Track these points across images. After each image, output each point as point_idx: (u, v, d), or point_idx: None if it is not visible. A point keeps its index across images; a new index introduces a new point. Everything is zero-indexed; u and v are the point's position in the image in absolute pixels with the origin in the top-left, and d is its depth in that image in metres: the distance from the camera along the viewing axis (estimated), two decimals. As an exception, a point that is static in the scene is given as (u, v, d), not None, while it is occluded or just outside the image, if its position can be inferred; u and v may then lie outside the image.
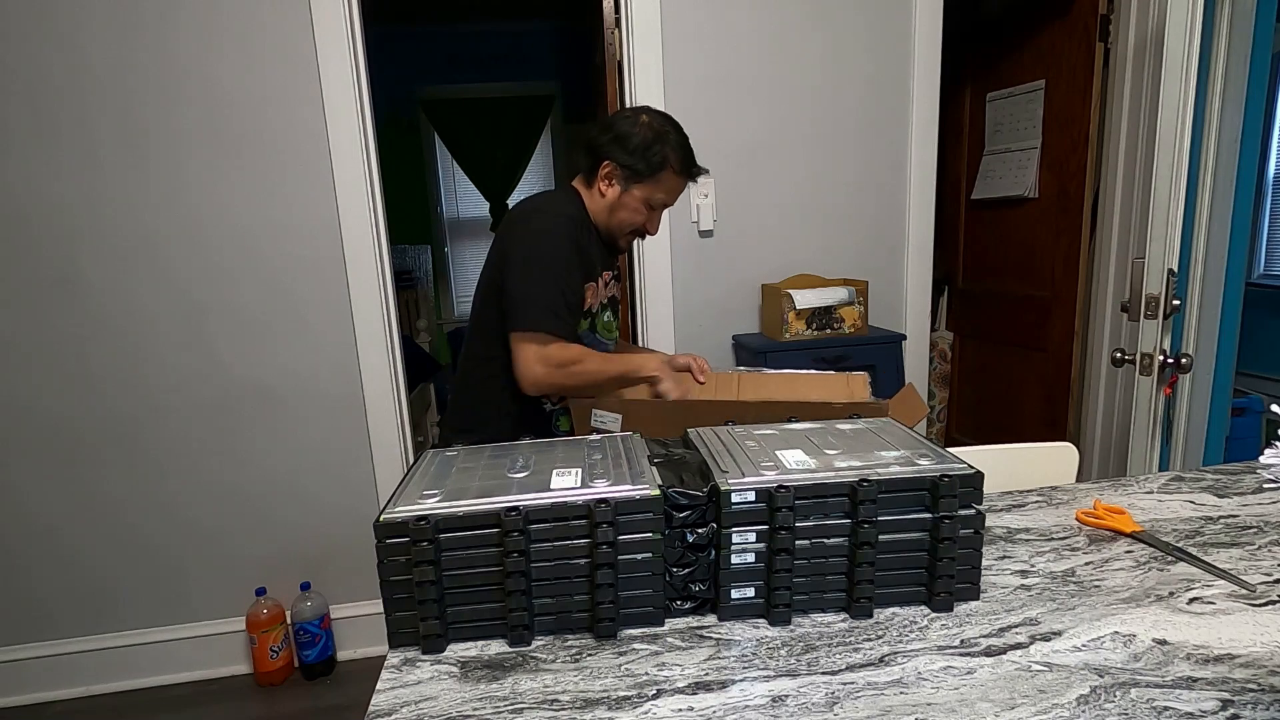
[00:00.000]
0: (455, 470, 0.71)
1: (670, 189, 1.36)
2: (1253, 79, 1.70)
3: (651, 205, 1.36)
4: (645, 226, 1.39)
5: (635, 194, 1.35)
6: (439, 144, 5.00)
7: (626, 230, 1.39)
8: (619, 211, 1.37)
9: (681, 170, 1.35)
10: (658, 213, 1.39)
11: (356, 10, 1.87)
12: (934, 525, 0.65)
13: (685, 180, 1.38)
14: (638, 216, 1.37)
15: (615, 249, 1.44)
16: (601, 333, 1.46)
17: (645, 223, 1.38)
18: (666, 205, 1.39)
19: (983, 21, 2.73)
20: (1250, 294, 1.93)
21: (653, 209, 1.37)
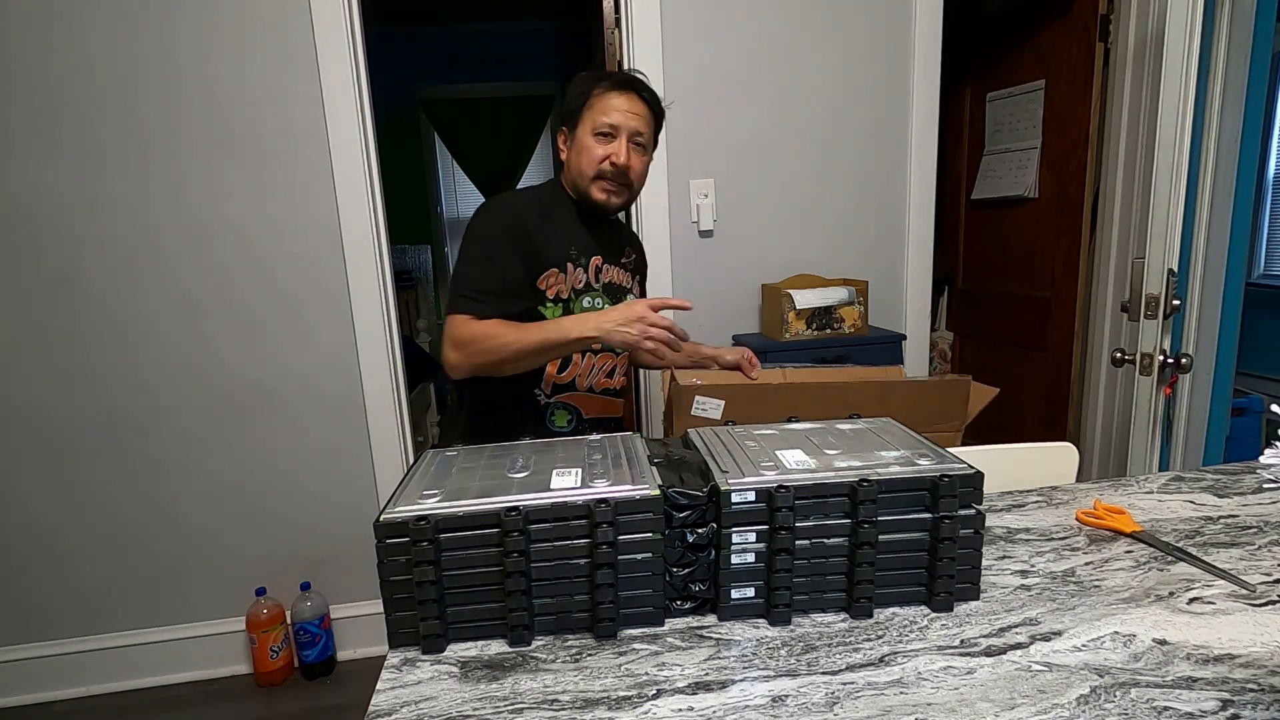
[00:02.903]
0: (455, 470, 0.71)
1: (607, 106, 1.28)
2: (1253, 79, 1.70)
3: (598, 131, 1.28)
4: (609, 159, 1.28)
5: (579, 135, 1.30)
6: (439, 144, 5.00)
7: (590, 176, 1.29)
8: (575, 161, 1.31)
9: (611, 86, 1.28)
10: (615, 140, 1.28)
11: (356, 10, 1.87)
12: (934, 525, 0.65)
13: (622, 92, 1.28)
14: (592, 152, 1.28)
15: (599, 212, 1.34)
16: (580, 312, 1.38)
17: (602, 155, 1.28)
18: (616, 128, 1.28)
19: (983, 21, 2.73)
20: (1250, 294, 1.93)
21: (603, 134, 1.28)
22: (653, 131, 1.34)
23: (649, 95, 1.31)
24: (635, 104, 1.29)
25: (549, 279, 1.31)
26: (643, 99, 1.30)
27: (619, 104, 1.28)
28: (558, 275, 1.31)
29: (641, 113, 1.30)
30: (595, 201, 1.31)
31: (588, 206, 1.33)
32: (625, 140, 1.28)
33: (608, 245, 1.39)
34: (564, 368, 1.34)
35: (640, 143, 1.30)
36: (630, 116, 1.29)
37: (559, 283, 1.32)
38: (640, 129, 1.29)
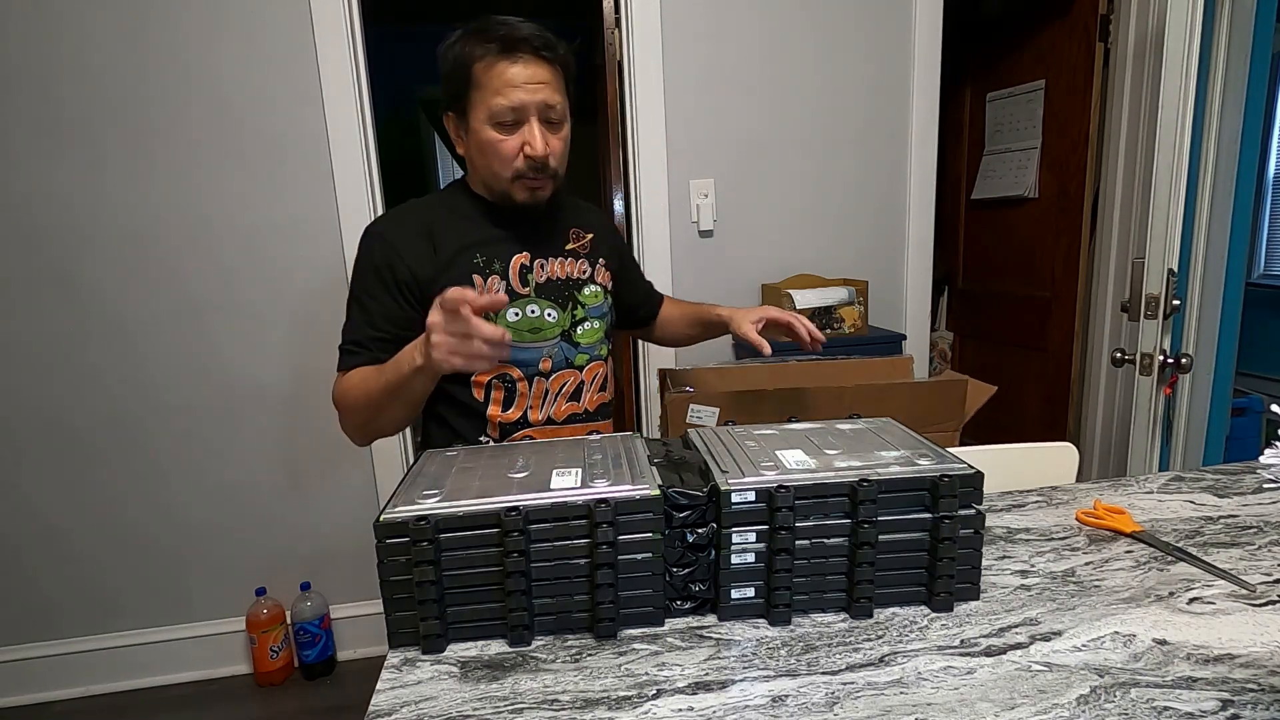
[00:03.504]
0: (455, 470, 0.71)
1: (501, 84, 1.00)
2: (1253, 79, 1.70)
3: (497, 118, 1.02)
4: (522, 149, 1.03)
5: (474, 126, 1.04)
6: (439, 144, 5.00)
7: (506, 174, 1.06)
8: (478, 160, 1.08)
9: (498, 53, 1.01)
10: (522, 126, 1.03)
11: (356, 10, 1.87)
12: (934, 525, 0.65)
13: (506, 57, 1.01)
14: (498, 149, 1.03)
15: (526, 212, 1.11)
16: (513, 337, 1.07)
17: (513, 150, 1.04)
18: (515, 107, 1.01)
19: (983, 21, 2.73)
20: (1250, 294, 1.93)
21: (503, 122, 1.02)
22: (564, 91, 1.07)
23: (547, 51, 1.02)
24: (534, 69, 1.01)
25: None
26: (541, 58, 1.02)
27: (515, 76, 1.00)
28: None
29: (545, 78, 1.02)
30: (519, 204, 1.09)
31: (509, 206, 1.11)
32: (535, 122, 1.02)
33: (538, 237, 1.14)
34: (508, 403, 1.11)
35: (554, 118, 1.04)
36: (534, 90, 1.01)
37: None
38: (549, 99, 1.02)
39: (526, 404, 1.12)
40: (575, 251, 1.19)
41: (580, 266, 1.19)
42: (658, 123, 2.03)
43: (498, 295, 0.87)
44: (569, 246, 1.19)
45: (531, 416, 1.12)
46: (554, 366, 1.13)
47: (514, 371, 1.11)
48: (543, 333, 1.12)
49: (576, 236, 1.21)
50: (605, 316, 1.22)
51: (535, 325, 1.12)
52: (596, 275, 1.21)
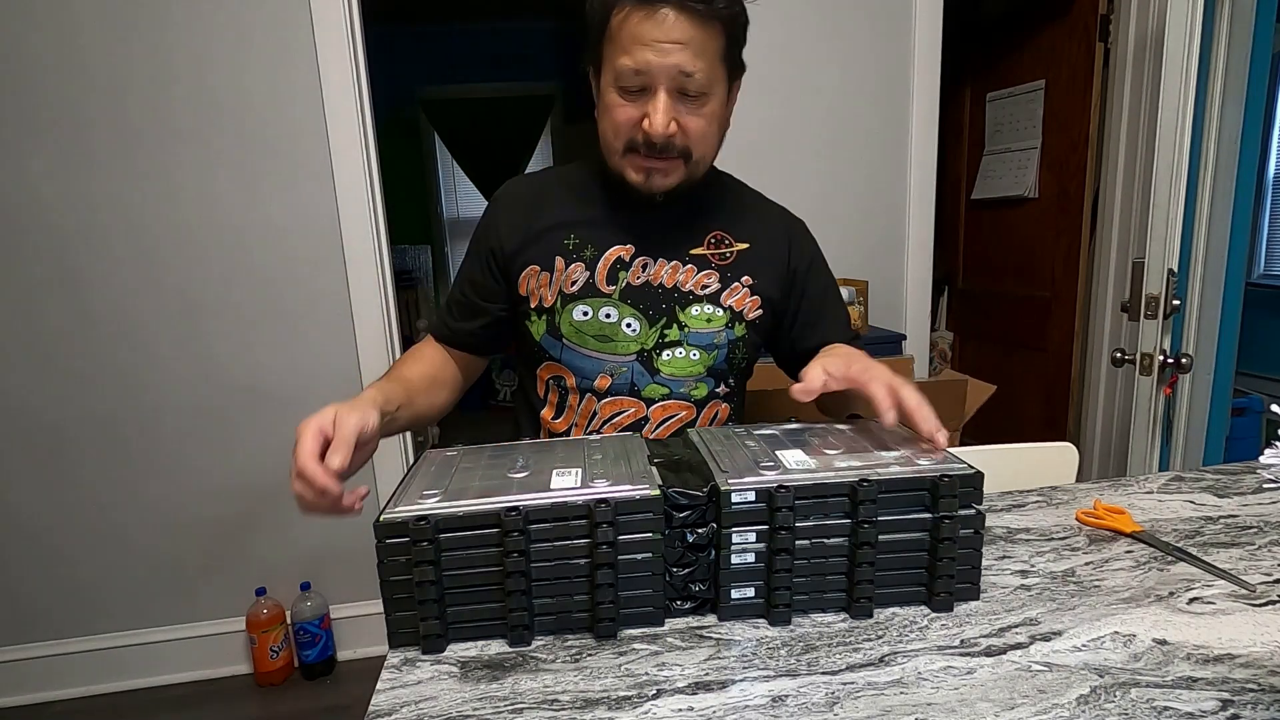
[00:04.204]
0: (455, 470, 0.71)
1: (630, 40, 0.84)
2: (1253, 79, 1.70)
3: (621, 81, 0.86)
4: (642, 126, 0.87)
5: (601, 85, 0.90)
6: (439, 144, 5.01)
7: (618, 149, 0.90)
8: (600, 124, 0.92)
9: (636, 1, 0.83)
10: (646, 96, 0.86)
11: (356, 10, 1.87)
12: (934, 525, 0.65)
13: (644, 7, 0.83)
14: (614, 115, 0.88)
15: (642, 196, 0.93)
16: (573, 337, 0.96)
17: (627, 120, 0.88)
18: (640, 70, 0.84)
19: (983, 21, 2.73)
20: (1250, 294, 1.93)
21: (627, 87, 0.86)
22: (720, 57, 0.87)
23: (700, 2, 0.82)
24: (677, 26, 0.82)
25: (528, 280, 0.98)
26: (689, 11, 0.82)
27: (647, 33, 0.83)
28: (538, 275, 0.97)
29: (687, 37, 0.83)
30: (632, 184, 0.91)
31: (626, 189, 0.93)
32: (663, 93, 0.85)
33: (657, 231, 0.97)
34: (559, 411, 1.01)
35: (691, 88, 0.85)
36: (669, 50, 0.83)
37: (542, 285, 0.97)
38: (687, 65, 0.83)
39: (573, 419, 0.98)
40: (705, 259, 0.97)
41: (703, 279, 0.97)
42: (658, 123, 2.03)
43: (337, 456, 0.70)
44: (697, 251, 0.97)
45: (576, 433, 0.99)
46: (613, 388, 0.96)
47: (568, 377, 0.97)
48: (613, 344, 0.95)
49: (718, 241, 0.99)
50: (720, 351, 0.98)
51: (605, 332, 0.95)
52: (728, 296, 0.98)
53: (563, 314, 0.96)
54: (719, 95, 0.90)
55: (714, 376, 1.00)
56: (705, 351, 0.97)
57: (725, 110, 0.93)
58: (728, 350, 0.99)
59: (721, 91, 0.90)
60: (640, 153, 0.89)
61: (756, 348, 1.04)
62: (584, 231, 0.97)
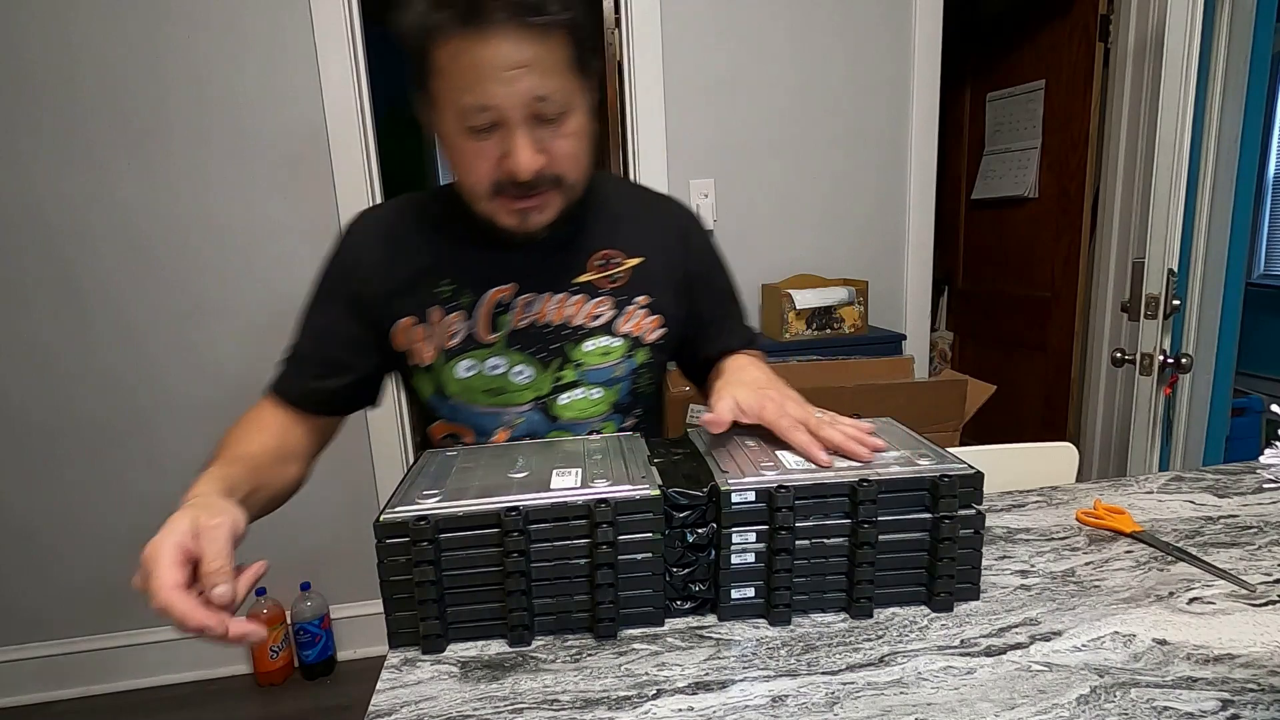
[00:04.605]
0: (455, 470, 0.71)
1: (468, 75, 0.71)
2: (1253, 79, 1.70)
3: (470, 123, 0.73)
4: (504, 166, 0.75)
5: (445, 127, 0.77)
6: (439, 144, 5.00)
7: (482, 191, 0.78)
8: (451, 163, 0.80)
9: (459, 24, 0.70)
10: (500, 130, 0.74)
11: (356, 10, 1.87)
12: (934, 525, 0.65)
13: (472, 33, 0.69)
14: (468, 156, 0.76)
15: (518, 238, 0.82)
16: (461, 395, 0.87)
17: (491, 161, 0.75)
18: (488, 106, 0.72)
19: (983, 21, 2.73)
20: (1250, 294, 1.93)
21: (477, 128, 0.73)
22: (571, 67, 0.75)
23: (535, 14, 0.70)
24: (517, 47, 0.70)
25: (404, 333, 0.87)
26: (527, 27, 0.70)
27: (485, 62, 0.70)
28: (413, 328, 0.86)
29: (532, 57, 0.71)
30: (506, 227, 0.81)
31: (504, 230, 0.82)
32: (520, 126, 0.73)
33: (538, 263, 0.86)
34: None
35: (549, 112, 0.74)
36: (514, 76, 0.71)
37: (419, 340, 0.86)
38: (539, 88, 0.72)
39: None
40: (594, 286, 0.88)
41: (594, 309, 0.88)
42: (658, 123, 2.03)
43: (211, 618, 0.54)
44: (584, 278, 0.88)
45: None
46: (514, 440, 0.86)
47: (464, 434, 0.89)
48: (506, 396, 0.86)
49: (606, 262, 0.88)
50: (623, 384, 0.89)
51: (495, 385, 0.86)
52: (623, 323, 0.88)
53: (446, 372, 0.86)
54: (580, 108, 0.78)
55: (620, 412, 0.90)
56: (606, 388, 0.88)
57: (591, 121, 0.80)
58: (630, 381, 0.90)
59: (581, 102, 0.78)
60: (509, 194, 0.77)
61: (662, 368, 0.95)
62: (458, 275, 0.86)
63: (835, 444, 0.68)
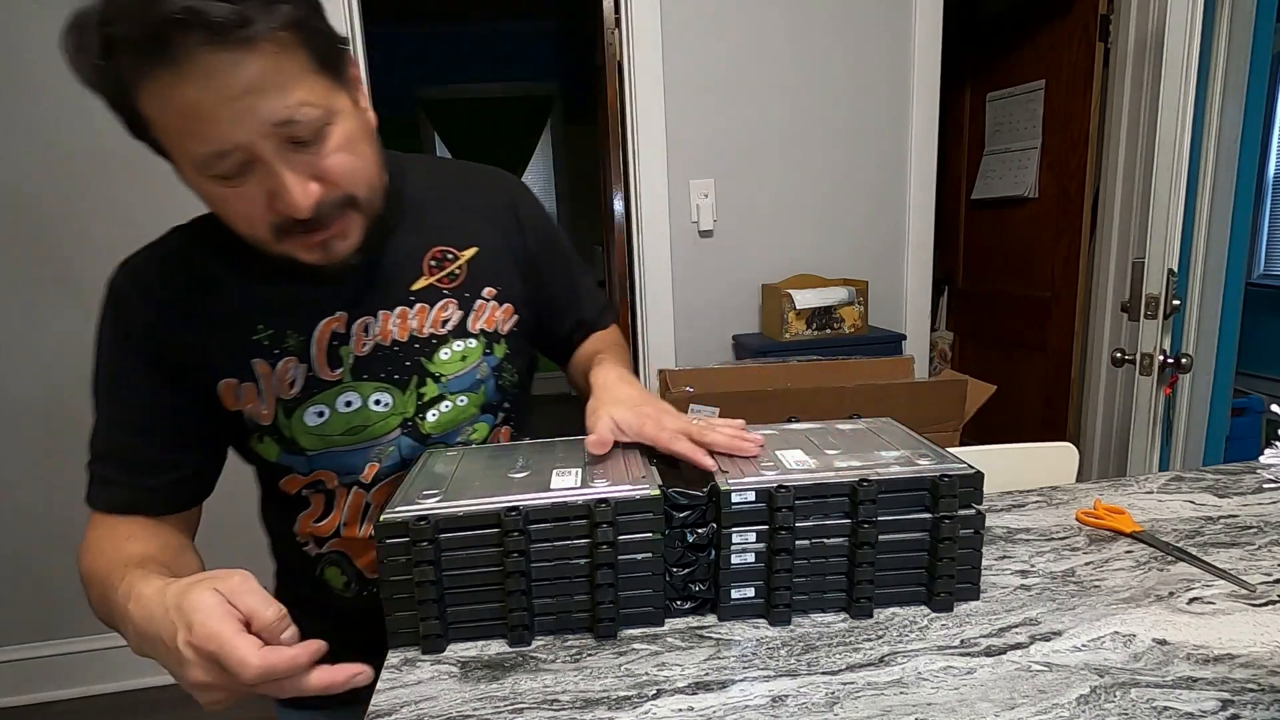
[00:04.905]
0: (455, 470, 0.71)
1: (185, 111, 0.58)
2: (1253, 79, 1.70)
3: (213, 171, 0.60)
4: (273, 206, 0.63)
5: (186, 175, 0.64)
6: (439, 144, 5.01)
7: (262, 235, 0.65)
8: (216, 210, 0.67)
9: (146, 55, 0.55)
10: (255, 170, 0.61)
11: (356, 10, 1.87)
12: (934, 525, 0.65)
13: (166, 65, 0.55)
14: (232, 209, 0.64)
15: (318, 272, 0.70)
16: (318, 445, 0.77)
17: (257, 205, 0.63)
18: (229, 149, 0.59)
19: (983, 21, 2.73)
20: (1250, 294, 1.93)
21: (225, 175, 0.61)
22: (313, 68, 0.62)
23: (241, 22, 0.55)
24: (234, 70, 0.56)
25: (229, 396, 0.74)
26: (234, 43, 0.56)
27: (204, 99, 0.57)
28: (241, 387, 0.74)
29: (259, 76, 0.57)
30: (310, 264, 0.68)
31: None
32: (277, 160, 0.60)
33: (367, 281, 0.76)
34: (325, 512, 0.81)
35: (305, 135, 0.61)
36: (244, 107, 0.58)
37: (249, 400, 0.74)
38: (283, 112, 0.59)
39: (342, 518, 0.80)
40: (434, 289, 0.79)
41: (439, 314, 0.80)
42: (658, 123, 2.03)
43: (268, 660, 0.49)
44: (420, 284, 0.79)
45: (347, 532, 0.81)
46: (384, 471, 0.79)
47: (329, 479, 0.79)
48: (368, 429, 0.77)
49: (440, 261, 0.80)
50: (487, 383, 0.83)
51: (354, 423, 0.76)
52: (475, 320, 0.82)
53: (292, 425, 0.75)
54: (343, 111, 0.65)
55: (489, 411, 0.85)
56: (471, 392, 0.82)
57: (363, 119, 0.69)
58: (495, 378, 0.84)
59: (342, 102, 0.65)
60: (296, 233, 0.64)
61: (524, 356, 0.89)
62: (274, 316, 0.73)
63: (720, 446, 0.69)
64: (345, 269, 0.71)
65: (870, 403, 1.37)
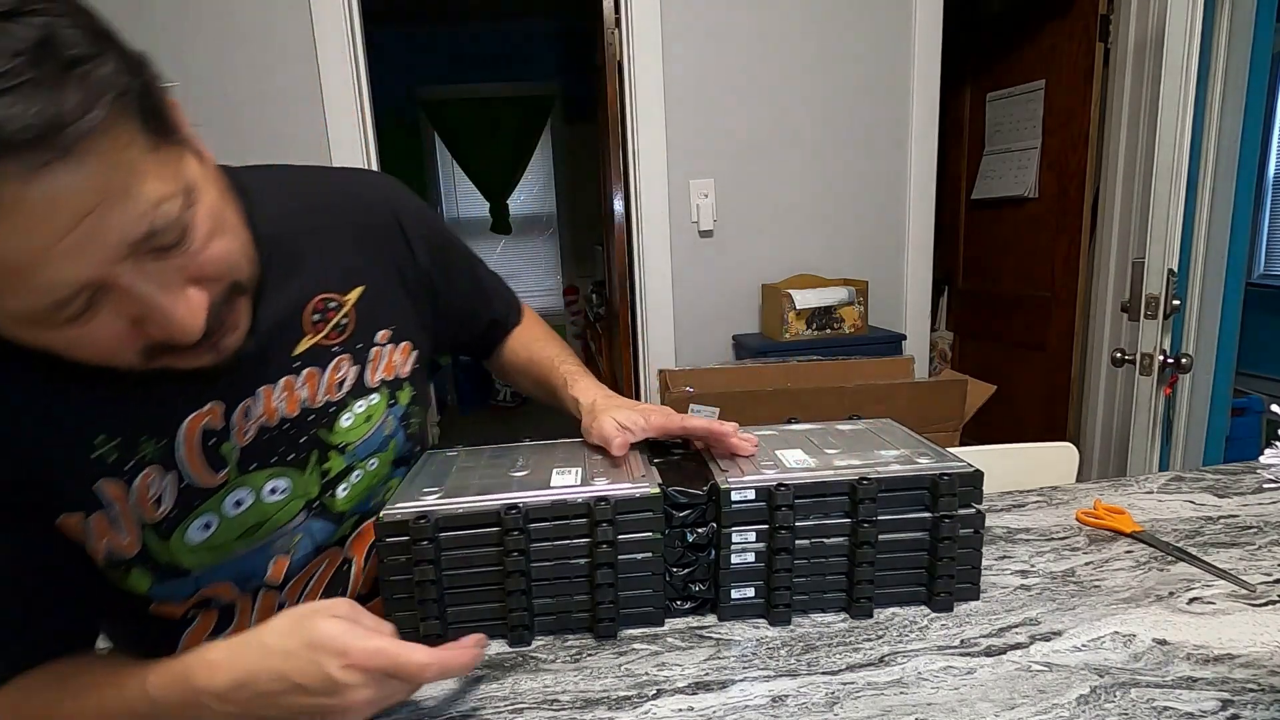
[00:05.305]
0: (455, 470, 0.71)
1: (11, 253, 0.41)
2: (1253, 79, 1.70)
3: (47, 323, 0.46)
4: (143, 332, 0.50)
5: (6, 330, 0.48)
6: (439, 144, 5.01)
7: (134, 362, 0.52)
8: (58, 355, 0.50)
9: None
10: (108, 298, 0.47)
11: (356, 10, 1.87)
12: (934, 525, 0.65)
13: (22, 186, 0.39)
14: (73, 348, 0.49)
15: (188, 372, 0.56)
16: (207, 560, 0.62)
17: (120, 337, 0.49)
18: (65, 300, 0.45)
19: (983, 21, 2.73)
20: (1250, 294, 1.93)
21: (70, 318, 0.46)
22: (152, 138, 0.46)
23: (53, 131, 0.39)
24: (58, 200, 0.41)
25: (74, 534, 0.58)
26: (59, 157, 0.40)
27: (15, 249, 0.41)
28: (83, 524, 0.57)
29: (101, 188, 0.43)
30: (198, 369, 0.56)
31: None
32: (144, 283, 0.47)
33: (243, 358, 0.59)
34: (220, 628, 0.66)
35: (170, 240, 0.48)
36: (86, 233, 0.43)
37: (101, 535, 0.58)
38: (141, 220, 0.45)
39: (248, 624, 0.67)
40: (321, 350, 0.66)
41: (332, 377, 0.67)
42: (658, 123, 2.03)
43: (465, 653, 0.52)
44: (305, 345, 0.65)
45: None
46: (297, 565, 0.67)
47: (226, 592, 0.65)
48: (270, 522, 0.64)
49: (323, 311, 0.66)
50: (396, 436, 0.73)
51: (250, 523, 0.63)
52: (373, 372, 0.70)
53: (171, 548, 0.59)
54: (195, 178, 0.51)
55: (401, 464, 0.74)
56: (381, 452, 0.71)
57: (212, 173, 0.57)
58: (404, 428, 0.74)
59: (192, 169, 0.52)
60: (175, 350, 0.52)
61: (425, 387, 0.80)
62: (120, 420, 0.56)
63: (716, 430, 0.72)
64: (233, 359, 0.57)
65: (870, 403, 1.37)
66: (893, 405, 1.38)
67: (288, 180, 0.71)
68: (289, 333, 0.65)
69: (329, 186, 0.74)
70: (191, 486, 0.60)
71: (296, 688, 0.48)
